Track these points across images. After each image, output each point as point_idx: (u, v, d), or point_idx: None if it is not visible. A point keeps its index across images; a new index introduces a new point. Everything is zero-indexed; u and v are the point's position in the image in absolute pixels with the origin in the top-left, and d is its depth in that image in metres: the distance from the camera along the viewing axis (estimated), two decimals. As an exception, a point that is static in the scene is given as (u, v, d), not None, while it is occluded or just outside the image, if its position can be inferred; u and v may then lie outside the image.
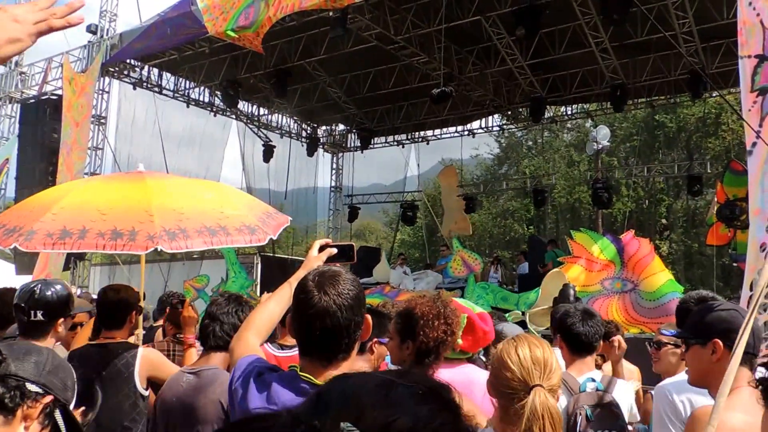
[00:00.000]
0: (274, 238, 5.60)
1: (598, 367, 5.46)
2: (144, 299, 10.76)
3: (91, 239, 4.96)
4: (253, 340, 3.20)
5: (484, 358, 5.43)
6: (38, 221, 5.11)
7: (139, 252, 5.09)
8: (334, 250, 3.57)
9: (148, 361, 5.20)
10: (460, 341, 4.57)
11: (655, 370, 5.42)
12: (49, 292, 4.76)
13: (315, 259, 3.48)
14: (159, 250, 4.93)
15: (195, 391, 4.43)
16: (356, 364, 2.92)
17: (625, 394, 4.73)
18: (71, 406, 2.58)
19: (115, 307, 5.48)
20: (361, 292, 2.86)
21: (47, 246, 4.99)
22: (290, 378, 2.78)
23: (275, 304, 3.32)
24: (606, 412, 4.34)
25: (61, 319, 4.79)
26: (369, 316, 2.90)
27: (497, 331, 5.78)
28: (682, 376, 4.37)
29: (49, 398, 2.47)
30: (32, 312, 4.66)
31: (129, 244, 4.93)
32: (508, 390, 2.86)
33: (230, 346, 3.27)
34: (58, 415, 2.49)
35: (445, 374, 4.67)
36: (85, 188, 6.00)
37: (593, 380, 4.62)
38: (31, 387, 2.43)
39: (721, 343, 3.45)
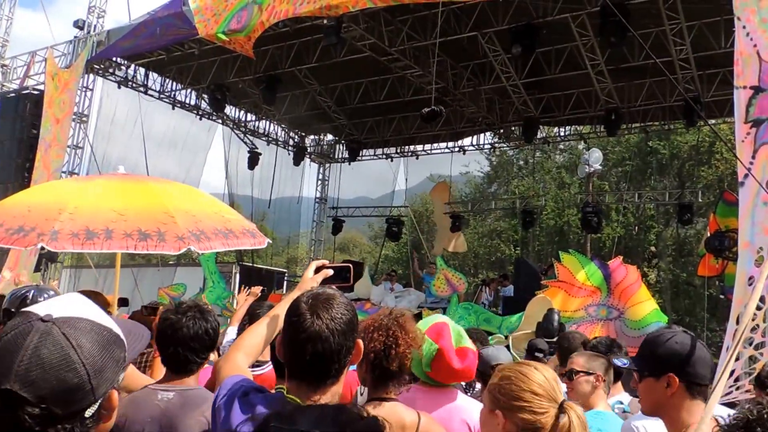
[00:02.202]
0: (270, 242, 5.62)
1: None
2: (125, 305, 10.74)
3: (119, 240, 5.01)
4: (241, 360, 3.21)
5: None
6: (57, 221, 5.11)
7: (173, 252, 5.09)
8: (330, 272, 3.57)
9: (128, 378, 5.02)
10: (428, 368, 4.54)
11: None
12: (41, 299, 4.68)
13: (310, 281, 3.47)
14: (193, 250, 4.93)
15: (180, 411, 4.13)
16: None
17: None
18: None
19: None
20: (355, 316, 2.84)
21: (76, 245, 5.01)
22: (276, 400, 2.76)
23: (266, 327, 3.33)
24: None
25: None
26: (360, 341, 2.89)
27: (482, 354, 5.77)
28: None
29: None
30: None
31: (160, 244, 4.96)
32: (538, 410, 2.83)
33: (217, 365, 3.27)
34: None
35: (419, 395, 4.62)
36: (85, 188, 5.93)
37: (621, 402, 4.65)
38: None
39: (676, 377, 3.46)
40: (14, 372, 1.71)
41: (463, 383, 5.17)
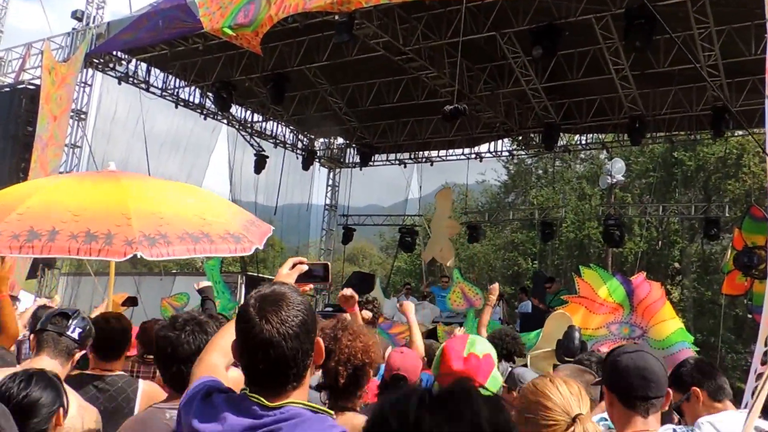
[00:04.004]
0: (261, 248, 5.40)
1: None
2: (134, 304, 10.56)
3: (63, 242, 4.83)
4: (215, 360, 3.12)
5: None
6: (2, 222, 4.96)
7: (116, 259, 4.96)
8: (305, 268, 3.44)
9: (148, 396, 4.96)
10: (436, 371, 4.77)
11: None
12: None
13: (285, 277, 3.34)
14: (138, 256, 4.71)
15: None
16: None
17: None
18: None
19: (120, 336, 5.38)
20: (310, 315, 2.74)
21: (14, 250, 4.86)
22: (238, 399, 2.68)
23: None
24: None
25: None
26: (320, 340, 2.81)
27: (512, 374, 5.74)
28: None
29: None
30: None
31: (105, 248, 4.78)
32: (550, 422, 2.79)
33: (192, 370, 3.12)
34: None
35: None
36: (54, 187, 5.90)
37: (605, 420, 4.55)
38: None
39: (606, 389, 3.75)
40: None
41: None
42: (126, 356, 7.54)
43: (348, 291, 3.84)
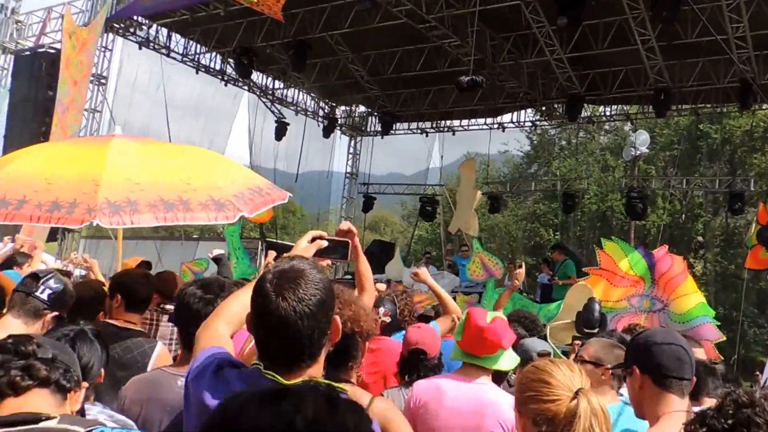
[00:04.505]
0: (248, 215, 5.34)
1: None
2: (148, 269, 10.66)
3: (28, 210, 4.86)
4: (222, 329, 3.03)
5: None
6: None
7: (74, 226, 4.95)
8: (324, 243, 3.39)
9: (162, 358, 4.97)
10: (459, 336, 4.81)
11: None
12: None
13: (302, 251, 3.29)
14: (95, 224, 4.71)
15: None
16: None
17: None
18: None
19: (147, 292, 5.50)
20: (329, 294, 2.67)
21: None
22: (253, 376, 2.63)
23: (249, 295, 2.99)
24: None
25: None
26: (337, 318, 2.75)
27: (523, 344, 5.77)
28: None
29: (85, 384, 2.95)
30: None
31: (66, 217, 4.81)
32: (552, 398, 2.76)
33: (197, 334, 3.05)
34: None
35: (452, 386, 4.59)
36: (41, 152, 5.89)
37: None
38: (75, 373, 2.84)
39: (636, 369, 3.68)
40: None
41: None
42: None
43: (346, 225, 3.78)
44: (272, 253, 8.93)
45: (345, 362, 3.92)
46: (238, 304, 3.09)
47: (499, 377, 5.24)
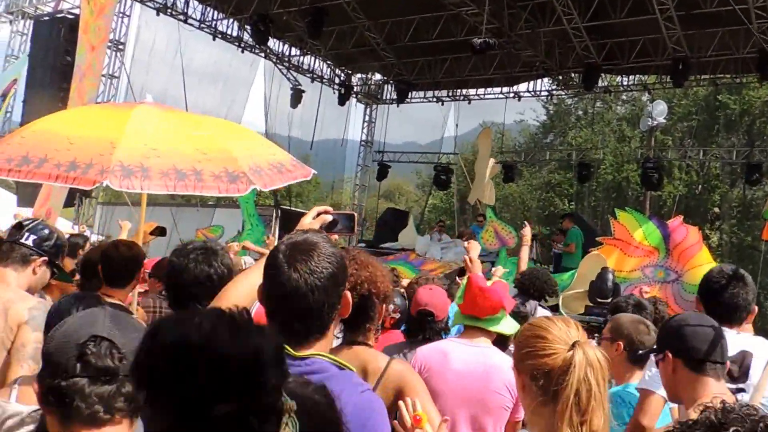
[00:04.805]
0: (262, 189, 5.35)
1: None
2: (162, 234, 10.79)
3: (47, 169, 4.90)
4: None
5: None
6: (4, 143, 5.17)
7: (85, 187, 4.99)
8: (329, 218, 3.45)
9: None
10: (461, 300, 4.88)
11: None
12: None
13: (307, 226, 3.30)
14: (104, 185, 4.78)
15: None
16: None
17: None
18: None
19: (123, 265, 5.36)
20: (340, 268, 2.72)
21: (2, 172, 5.01)
22: None
23: (257, 276, 3.07)
24: None
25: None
26: (348, 293, 2.79)
27: (526, 313, 5.78)
28: None
29: None
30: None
31: (80, 177, 4.84)
32: (549, 352, 2.75)
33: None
34: None
35: (457, 349, 4.68)
36: (67, 115, 5.89)
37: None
38: None
39: (669, 354, 3.63)
40: None
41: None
42: (146, 291, 7.63)
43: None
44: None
45: (363, 324, 3.88)
46: (246, 286, 3.17)
47: (502, 344, 5.34)
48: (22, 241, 4.63)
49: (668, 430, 2.34)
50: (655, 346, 3.96)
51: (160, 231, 10.40)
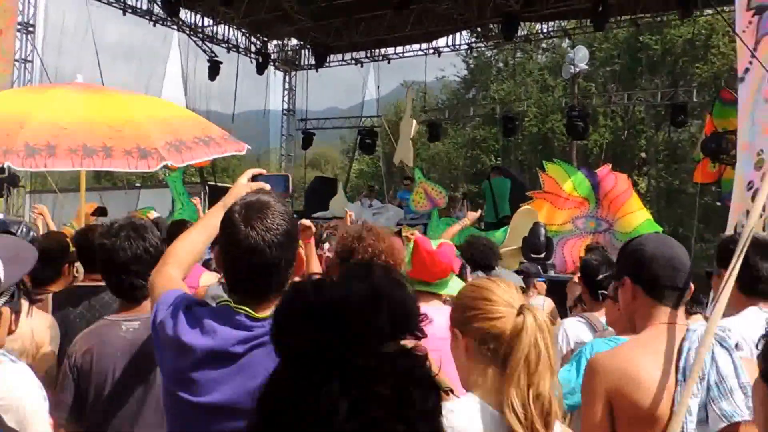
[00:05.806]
0: (175, 164, 5.34)
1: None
2: (103, 215, 10.69)
3: (64, 155, 4.98)
4: (175, 273, 3.10)
5: None
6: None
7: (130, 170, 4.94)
8: (267, 186, 3.38)
9: None
10: (409, 266, 4.82)
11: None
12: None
13: (244, 187, 3.33)
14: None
15: (150, 339, 3.65)
16: None
17: None
18: None
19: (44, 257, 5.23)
20: (293, 226, 2.83)
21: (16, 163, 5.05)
22: (224, 312, 2.74)
23: (198, 234, 3.25)
24: None
25: None
26: (301, 251, 2.94)
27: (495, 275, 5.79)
28: None
29: None
30: None
31: (107, 160, 4.80)
32: (496, 314, 2.75)
33: (150, 281, 3.13)
34: None
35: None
36: (40, 100, 5.84)
37: None
38: None
39: (629, 279, 3.51)
40: None
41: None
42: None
43: (306, 221, 3.88)
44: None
45: None
46: (188, 245, 3.21)
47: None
48: None
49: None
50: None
51: (100, 211, 10.42)
